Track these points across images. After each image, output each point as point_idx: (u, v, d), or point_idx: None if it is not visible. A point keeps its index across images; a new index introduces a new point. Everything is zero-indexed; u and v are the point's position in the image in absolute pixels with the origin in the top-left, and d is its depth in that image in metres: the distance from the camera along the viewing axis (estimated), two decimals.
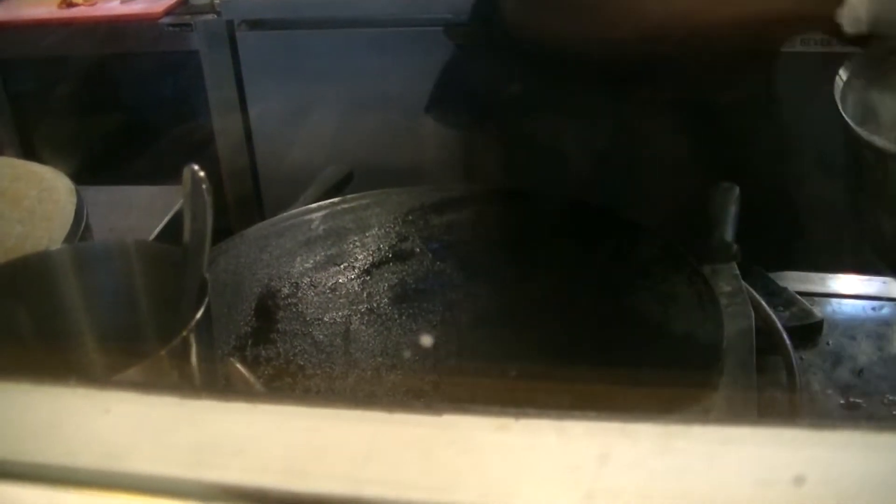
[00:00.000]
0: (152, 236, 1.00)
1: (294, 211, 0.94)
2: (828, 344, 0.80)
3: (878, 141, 0.72)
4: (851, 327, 0.82)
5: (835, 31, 0.77)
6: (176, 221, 1.04)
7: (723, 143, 1.07)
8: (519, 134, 1.03)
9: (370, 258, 0.87)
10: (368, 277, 0.85)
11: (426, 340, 0.74)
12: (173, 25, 1.96)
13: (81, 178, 0.90)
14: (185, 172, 0.50)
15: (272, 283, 0.84)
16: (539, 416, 0.31)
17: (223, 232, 0.91)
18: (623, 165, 1.03)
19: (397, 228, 0.91)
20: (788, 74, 1.64)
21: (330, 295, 0.83)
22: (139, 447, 0.32)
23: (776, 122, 1.16)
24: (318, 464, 0.31)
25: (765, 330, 0.78)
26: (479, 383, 0.70)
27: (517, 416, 0.31)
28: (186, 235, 0.52)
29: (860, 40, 0.79)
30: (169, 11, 1.99)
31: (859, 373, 0.76)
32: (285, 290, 0.83)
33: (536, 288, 0.81)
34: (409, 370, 0.72)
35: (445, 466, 0.30)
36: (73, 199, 0.83)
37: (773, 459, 0.27)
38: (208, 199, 0.49)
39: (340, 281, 0.84)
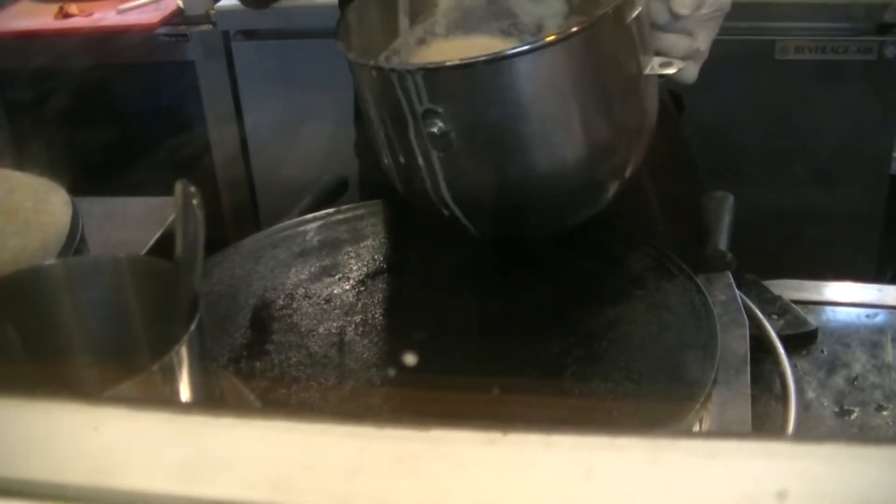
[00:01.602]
0: (147, 248, 1.01)
1: (288, 222, 0.94)
2: (822, 352, 0.80)
3: (351, 56, 0.75)
4: (846, 335, 0.82)
5: None
6: (172, 233, 1.04)
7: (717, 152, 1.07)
8: None
9: (365, 269, 0.87)
10: (363, 288, 0.85)
11: (419, 352, 0.74)
12: (169, 36, 1.96)
13: (77, 189, 0.90)
14: (177, 187, 0.50)
15: (267, 295, 0.84)
16: (526, 430, 0.31)
17: (220, 241, 0.91)
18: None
19: (392, 239, 0.91)
20: (782, 82, 1.65)
21: (325, 306, 0.83)
22: (129, 463, 0.32)
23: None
24: (308, 478, 0.31)
25: (759, 338, 0.78)
26: (471, 395, 0.70)
27: (505, 430, 0.31)
28: (178, 250, 0.52)
29: None
30: (165, 22, 2.00)
31: (854, 381, 0.76)
32: (280, 302, 0.83)
33: (530, 298, 0.81)
34: (403, 381, 0.72)
35: (434, 481, 0.31)
36: (69, 211, 0.83)
37: (758, 473, 0.27)
38: (199, 214, 0.49)
39: (335, 292, 0.84)
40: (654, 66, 0.74)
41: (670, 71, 0.74)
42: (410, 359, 0.72)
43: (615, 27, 0.71)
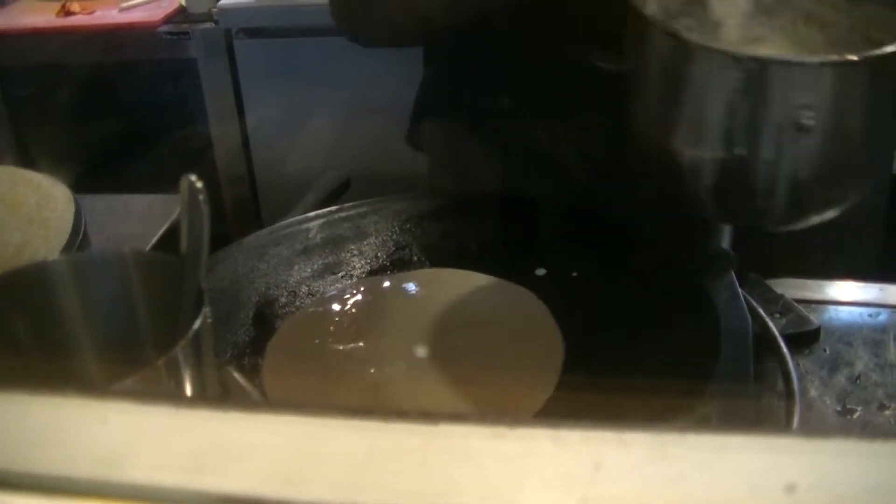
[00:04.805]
0: (150, 244, 1.01)
1: (291, 220, 0.94)
2: (825, 351, 0.80)
3: (710, 44, 0.73)
4: (848, 334, 0.82)
5: None
6: (174, 229, 1.04)
7: None
8: (515, 141, 1.03)
9: (367, 267, 0.87)
10: None
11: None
12: (171, 34, 1.97)
13: (79, 185, 0.91)
14: (183, 182, 0.50)
15: (270, 292, 0.85)
16: (534, 424, 0.31)
17: (221, 239, 0.91)
18: (619, 171, 1.03)
19: (395, 237, 0.92)
20: None
21: None
22: (137, 456, 0.32)
23: None
24: (316, 472, 0.31)
25: (762, 337, 0.78)
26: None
27: (512, 424, 0.31)
28: (184, 245, 0.52)
29: None
30: (167, 20, 2.00)
31: (856, 379, 0.77)
32: (283, 299, 0.83)
33: (534, 294, 0.81)
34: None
35: (441, 474, 0.31)
36: (72, 208, 0.83)
37: (766, 467, 0.27)
38: (205, 209, 0.49)
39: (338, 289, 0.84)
40: None
41: None
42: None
43: None
